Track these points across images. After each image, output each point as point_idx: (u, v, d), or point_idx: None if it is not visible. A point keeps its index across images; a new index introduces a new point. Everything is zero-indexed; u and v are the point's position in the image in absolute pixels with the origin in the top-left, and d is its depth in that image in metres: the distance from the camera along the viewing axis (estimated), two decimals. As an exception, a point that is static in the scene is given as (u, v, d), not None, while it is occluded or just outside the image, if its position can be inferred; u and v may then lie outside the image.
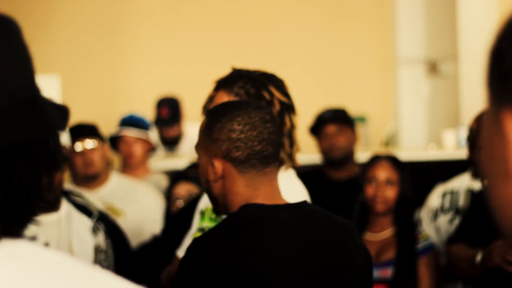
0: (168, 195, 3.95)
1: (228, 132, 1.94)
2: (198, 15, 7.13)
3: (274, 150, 1.96)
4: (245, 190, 1.96)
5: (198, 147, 2.03)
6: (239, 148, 1.94)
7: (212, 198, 2.04)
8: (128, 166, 4.54)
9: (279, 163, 2.03)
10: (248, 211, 1.93)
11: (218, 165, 1.96)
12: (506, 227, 0.85)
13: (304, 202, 2.03)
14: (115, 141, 4.54)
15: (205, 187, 2.04)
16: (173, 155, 5.63)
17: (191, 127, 5.74)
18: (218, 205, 2.03)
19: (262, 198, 1.96)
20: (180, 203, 3.85)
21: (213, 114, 2.00)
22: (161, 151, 5.57)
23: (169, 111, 5.55)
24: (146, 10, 7.12)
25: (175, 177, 4.05)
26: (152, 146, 4.63)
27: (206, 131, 1.99)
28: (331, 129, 4.33)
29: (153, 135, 4.84)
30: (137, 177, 4.46)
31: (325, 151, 4.36)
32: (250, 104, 1.98)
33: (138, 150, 4.52)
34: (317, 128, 4.41)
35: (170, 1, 7.15)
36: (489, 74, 0.85)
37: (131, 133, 4.51)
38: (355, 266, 1.98)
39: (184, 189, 3.89)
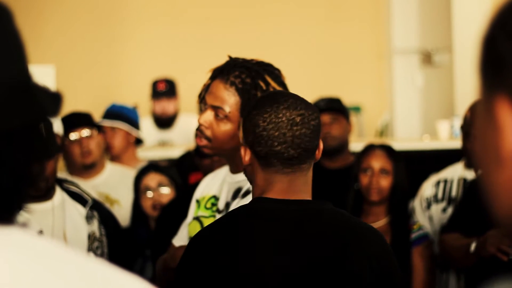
0: (137, 185, 3.84)
1: (253, 126, 1.94)
2: (196, 6, 7.13)
3: (298, 154, 1.93)
4: (262, 183, 1.97)
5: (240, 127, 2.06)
6: (260, 144, 1.93)
7: (248, 180, 2.07)
8: (112, 156, 4.48)
9: (309, 164, 1.98)
10: (253, 205, 1.96)
11: (246, 152, 1.98)
12: (499, 216, 0.85)
13: (322, 201, 2.00)
14: None
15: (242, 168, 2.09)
16: (164, 145, 5.63)
17: (184, 117, 5.75)
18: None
19: (275, 193, 1.95)
20: (150, 195, 3.76)
21: (254, 103, 2.01)
22: (154, 134, 5.57)
23: (166, 85, 5.66)
24: (142, 0, 7.11)
25: (145, 167, 3.91)
26: (133, 135, 4.54)
27: (244, 118, 2.01)
28: (325, 118, 4.32)
29: (141, 124, 4.76)
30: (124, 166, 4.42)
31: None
32: (287, 100, 1.95)
33: (115, 140, 4.41)
34: None
35: (165, -9, 7.15)
36: (481, 62, 0.85)
37: (106, 123, 4.42)
38: (347, 269, 1.89)
39: (154, 180, 3.79)
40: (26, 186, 0.94)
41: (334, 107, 4.34)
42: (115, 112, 4.47)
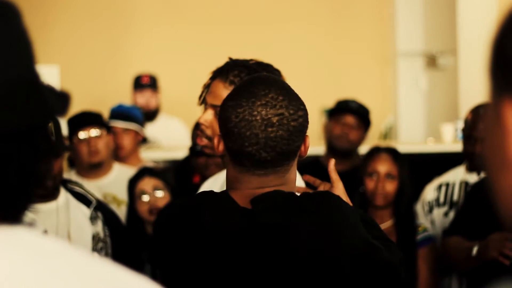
0: (131, 190, 3.79)
1: (225, 119, 1.76)
2: (199, 9, 7.13)
3: (271, 157, 1.73)
4: (232, 179, 1.80)
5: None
6: (230, 140, 1.75)
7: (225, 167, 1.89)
8: (118, 157, 4.49)
9: (287, 166, 1.78)
10: (219, 198, 1.77)
11: (220, 143, 1.81)
12: (506, 217, 0.85)
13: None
14: None
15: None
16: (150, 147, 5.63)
17: (165, 117, 5.78)
18: None
19: (238, 195, 1.75)
20: (146, 199, 3.72)
21: (232, 91, 1.81)
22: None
23: (149, 79, 5.73)
24: (146, 2, 7.12)
25: (139, 171, 3.86)
26: (141, 135, 4.59)
27: (221, 106, 1.81)
28: (350, 119, 4.31)
29: (144, 127, 4.79)
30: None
31: (335, 137, 4.32)
32: (266, 95, 1.74)
33: (126, 141, 4.46)
34: (336, 113, 4.38)
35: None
36: (490, 65, 0.86)
37: (119, 124, 4.46)
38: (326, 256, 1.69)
39: (149, 185, 3.74)
40: (33, 186, 0.94)
41: (363, 115, 4.34)
42: (126, 113, 4.50)
